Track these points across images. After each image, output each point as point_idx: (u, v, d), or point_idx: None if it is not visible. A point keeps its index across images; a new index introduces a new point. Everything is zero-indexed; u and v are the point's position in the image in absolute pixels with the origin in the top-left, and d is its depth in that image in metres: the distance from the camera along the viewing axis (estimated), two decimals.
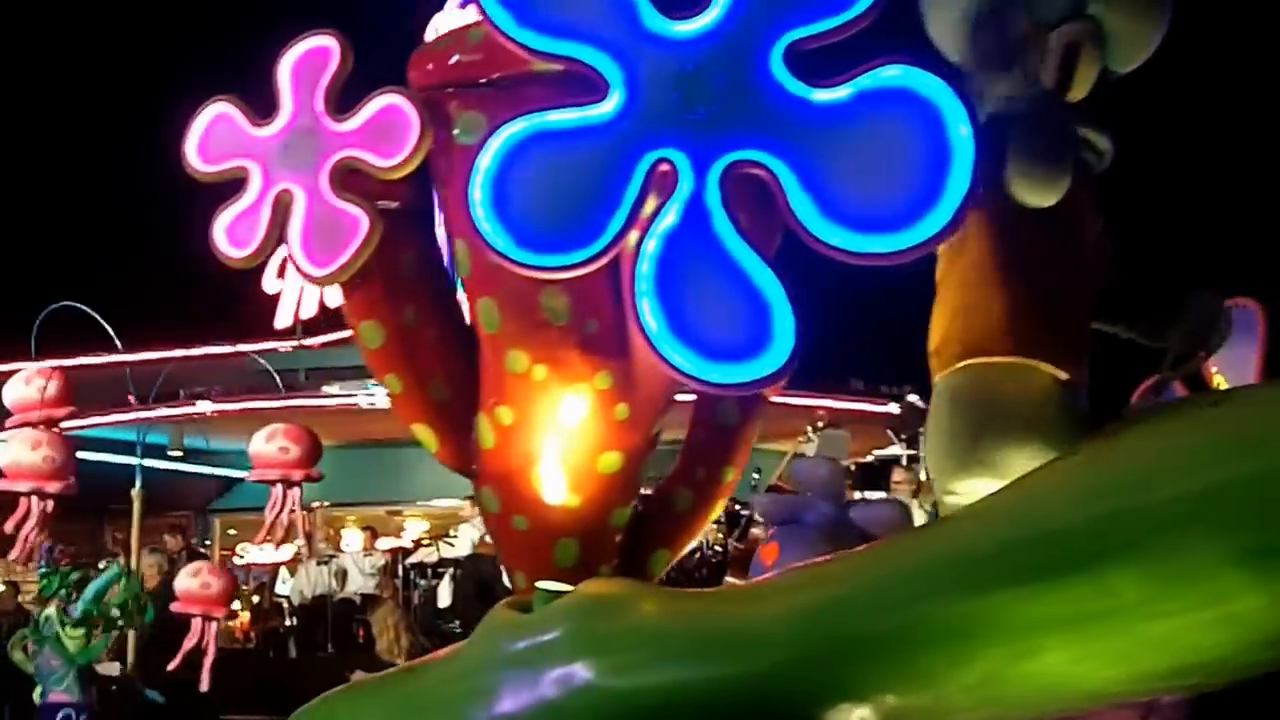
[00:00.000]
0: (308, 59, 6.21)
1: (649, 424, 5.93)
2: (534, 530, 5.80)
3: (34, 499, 11.78)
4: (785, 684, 4.45)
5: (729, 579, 18.34)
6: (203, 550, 25.09)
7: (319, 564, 21.51)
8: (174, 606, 13.05)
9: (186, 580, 12.76)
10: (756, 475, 20.66)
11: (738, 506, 21.18)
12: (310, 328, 31.90)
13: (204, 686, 12.91)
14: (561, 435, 5.65)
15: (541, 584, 5.16)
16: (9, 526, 11.90)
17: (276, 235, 6.01)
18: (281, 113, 6.17)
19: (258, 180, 6.15)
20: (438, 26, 6.32)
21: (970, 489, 5.29)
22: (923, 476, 18.39)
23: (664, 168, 4.82)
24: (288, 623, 21.75)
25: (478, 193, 5.04)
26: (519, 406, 5.77)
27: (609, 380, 5.72)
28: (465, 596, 19.71)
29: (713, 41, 4.71)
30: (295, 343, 31.75)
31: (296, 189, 5.96)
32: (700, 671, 4.58)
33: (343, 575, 21.07)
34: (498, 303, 5.84)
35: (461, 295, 6.20)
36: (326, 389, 30.33)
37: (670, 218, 4.82)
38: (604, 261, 4.94)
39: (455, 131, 5.85)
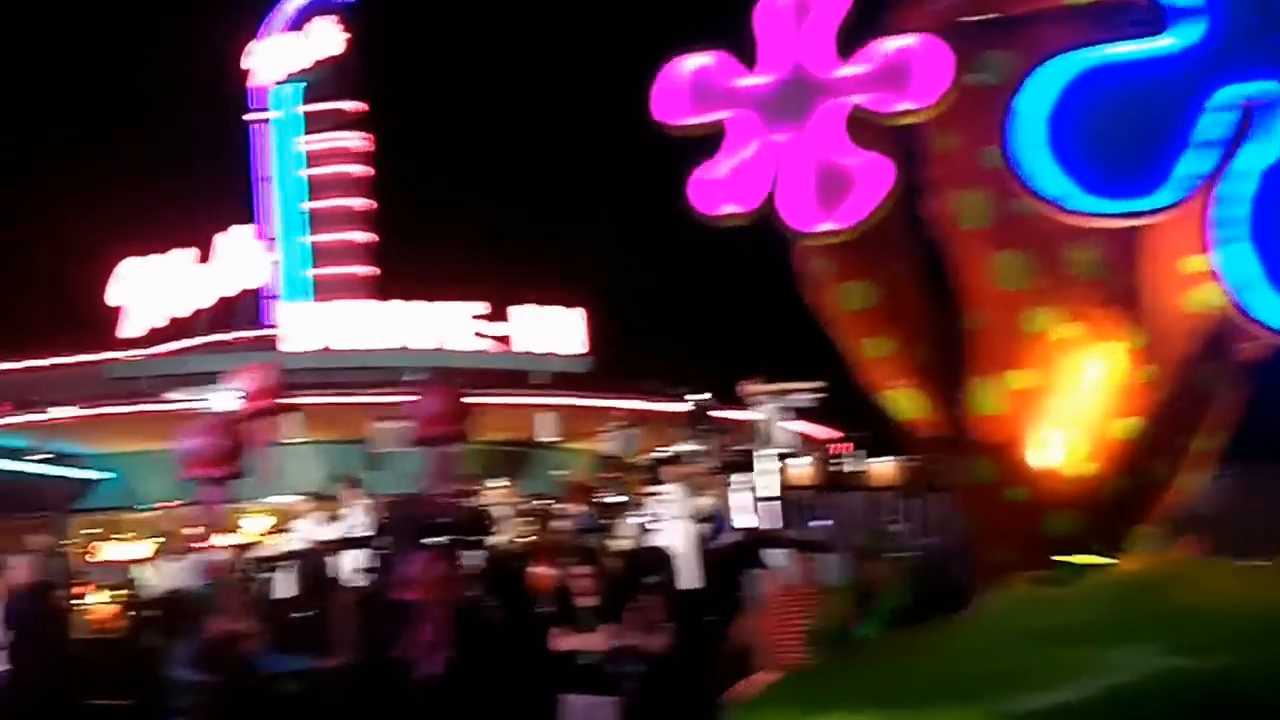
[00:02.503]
0: (799, 5, 5.70)
1: (1174, 386, 5.43)
2: (1032, 502, 5.34)
3: None
4: None
5: (535, 567, 19.04)
6: (61, 549, 25.19)
7: (170, 559, 21.73)
8: (400, 594, 13.00)
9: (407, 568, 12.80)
10: (562, 471, 21.34)
11: (546, 500, 21.84)
12: (156, 337, 32.28)
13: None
14: (1082, 399, 5.03)
15: (1071, 558, 4.62)
16: None
17: (769, 188, 5.62)
18: (769, 61, 5.75)
19: (745, 132, 5.73)
20: None
21: None
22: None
23: (1248, 100, 4.28)
24: (147, 614, 21.97)
25: (1021, 135, 4.52)
26: (1034, 369, 5.30)
27: (1140, 339, 5.22)
28: (303, 587, 20.06)
29: None
30: (142, 352, 32.05)
31: (791, 139, 5.54)
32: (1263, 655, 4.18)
33: (188, 569, 21.31)
34: (1026, 256, 5.35)
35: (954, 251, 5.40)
36: (170, 394, 30.45)
37: (1270, 156, 4.27)
38: (1186, 204, 4.45)
39: (974, 72, 5.36)
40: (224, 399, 29.87)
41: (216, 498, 13.09)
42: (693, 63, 5.72)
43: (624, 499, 20.18)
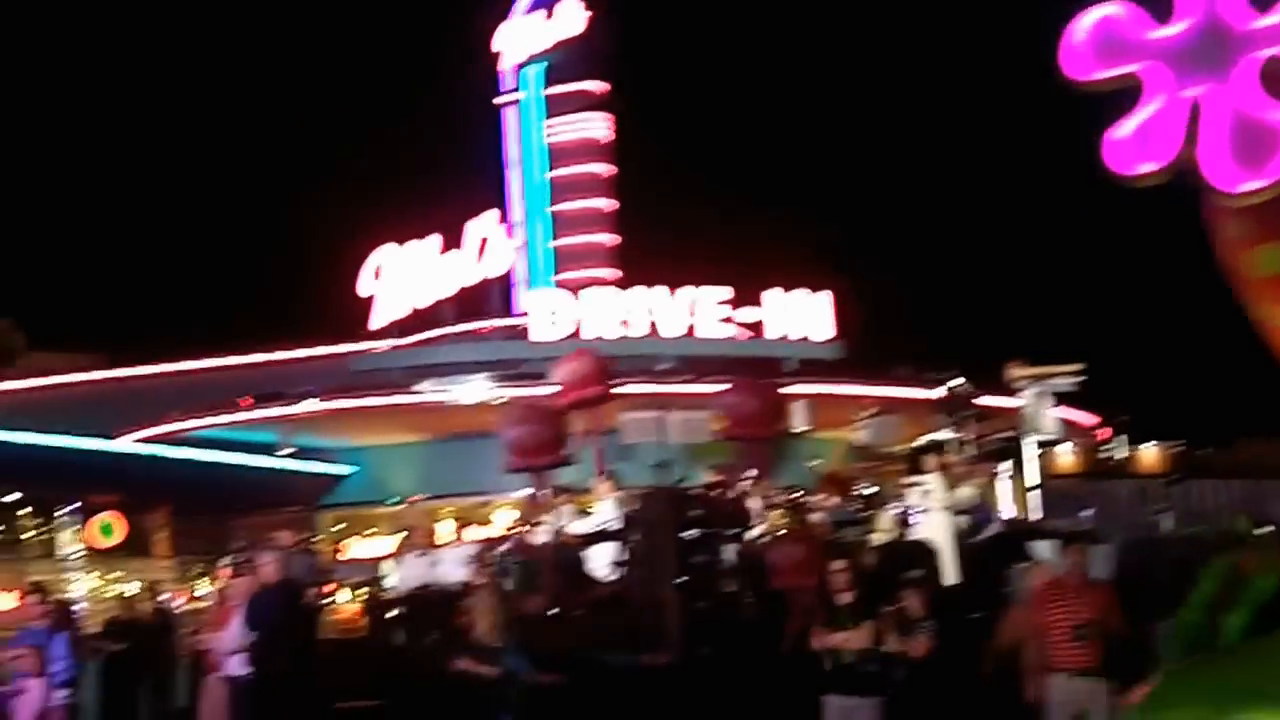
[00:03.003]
0: None
1: None
2: None
3: None
4: None
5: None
6: (311, 546, 25.67)
7: (418, 555, 21.94)
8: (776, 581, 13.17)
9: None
10: (814, 461, 21.08)
11: (799, 491, 21.60)
12: (404, 328, 32.74)
13: None
14: None
15: None
16: None
17: (1187, 145, 5.47)
18: (1183, 11, 5.60)
19: (1160, 86, 5.56)
20: None
21: None
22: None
23: None
24: (394, 612, 22.23)
25: None
26: None
27: None
28: (554, 581, 20.15)
29: None
30: (391, 343, 32.53)
31: (1207, 92, 5.39)
32: None
33: (439, 565, 21.48)
34: None
35: None
36: (418, 387, 30.84)
37: None
38: None
39: None
40: (474, 390, 30.39)
41: (542, 486, 13.07)
42: (1100, 14, 5.39)
43: (880, 490, 19.86)
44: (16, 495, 29.60)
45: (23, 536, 30.04)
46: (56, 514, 29.64)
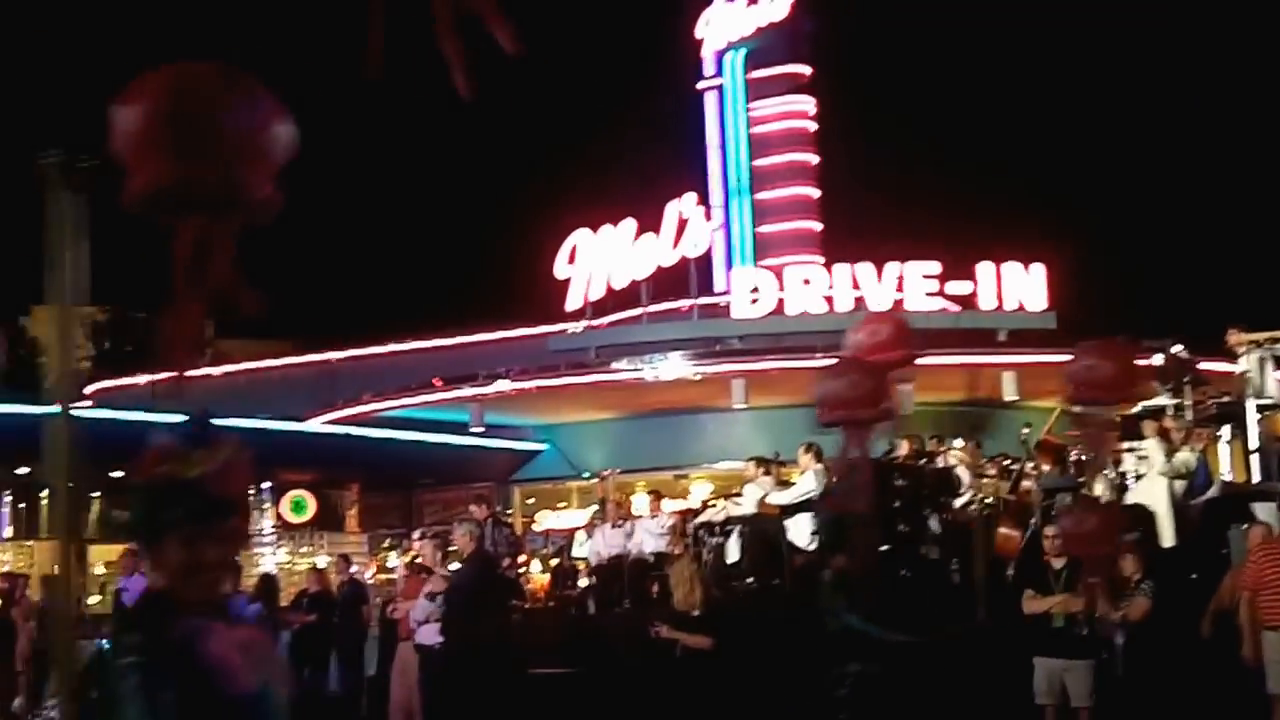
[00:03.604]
0: None
1: None
2: None
3: None
4: None
5: (1002, 529, 18.67)
6: (505, 519, 25.97)
7: (613, 527, 22.11)
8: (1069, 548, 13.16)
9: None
10: (1026, 429, 20.85)
11: (1010, 460, 21.39)
12: (598, 309, 33.00)
13: None
14: None
15: None
16: None
17: None
18: None
19: None
20: None
21: None
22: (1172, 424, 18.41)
23: None
24: (585, 582, 22.43)
25: None
26: None
27: None
28: (753, 553, 20.15)
29: None
30: (585, 323, 32.80)
31: None
32: None
33: (635, 537, 21.64)
34: None
35: None
36: (615, 365, 31.03)
37: None
38: None
39: None
40: (672, 368, 30.55)
41: (861, 441, 12.88)
42: None
43: (1094, 457, 19.61)
44: None
45: None
46: (250, 492, 30.31)
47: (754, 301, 33.46)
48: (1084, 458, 19.56)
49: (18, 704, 20.25)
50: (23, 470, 27.70)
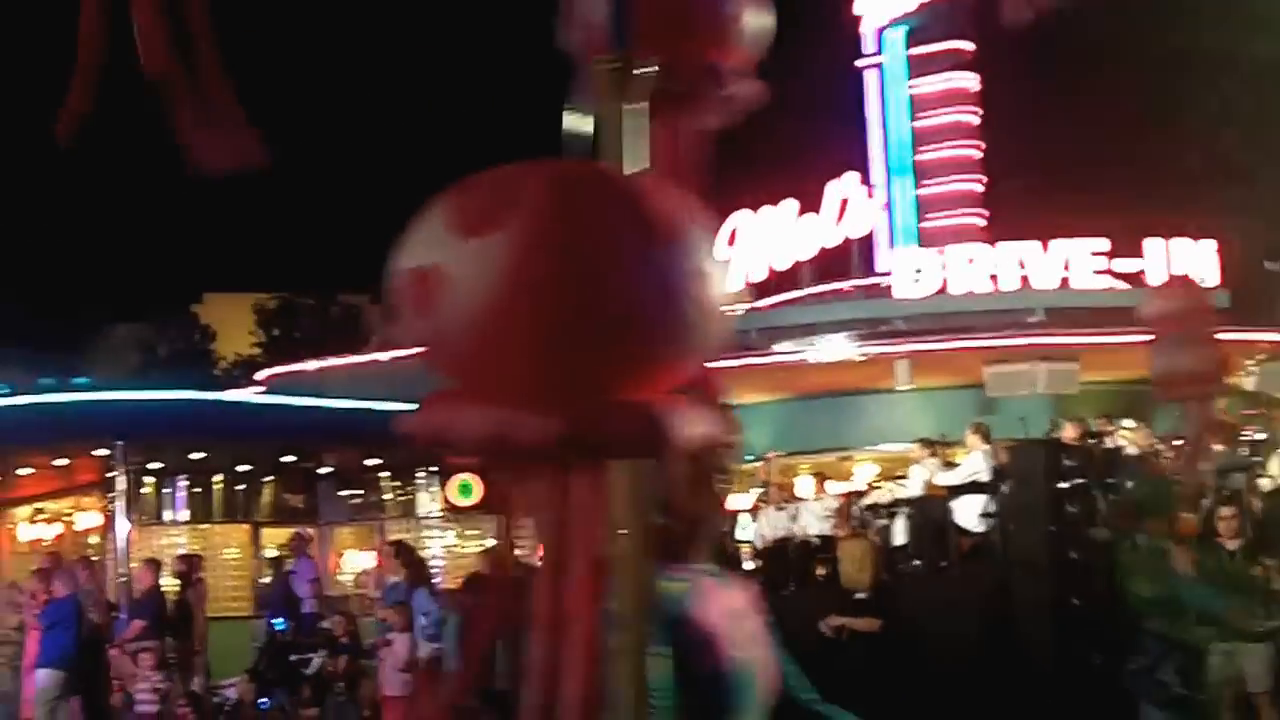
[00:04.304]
0: None
1: None
2: None
3: None
4: None
5: None
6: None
7: (777, 509, 22.06)
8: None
9: None
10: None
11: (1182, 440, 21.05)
12: (760, 290, 32.89)
13: None
14: None
15: None
16: None
17: None
18: None
19: None
20: None
21: None
22: None
23: None
24: (750, 565, 22.39)
25: None
26: None
27: None
28: (919, 535, 20.01)
29: None
30: (748, 305, 32.69)
31: None
32: None
33: (799, 519, 21.59)
34: None
35: None
36: (776, 346, 30.94)
37: None
38: None
39: None
40: (835, 349, 30.38)
41: (1207, 414, 12.61)
42: None
43: (1271, 436, 19.33)
44: (377, 460, 30.65)
45: (384, 498, 31.14)
46: (416, 476, 30.65)
47: (917, 281, 33.22)
48: (1258, 436, 19.29)
49: (197, 683, 20.63)
50: (198, 455, 28.15)
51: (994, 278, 32.88)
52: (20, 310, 67.92)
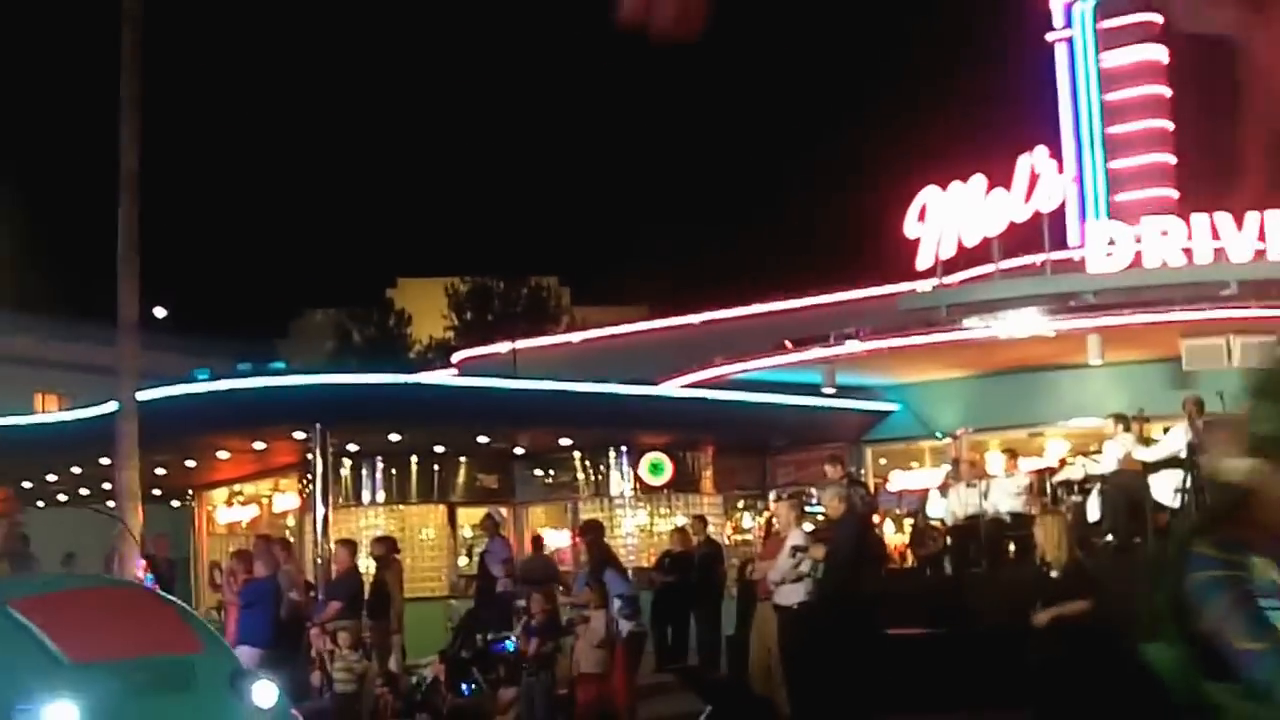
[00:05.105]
0: None
1: None
2: None
3: None
4: None
5: None
6: (860, 479, 25.86)
7: (968, 486, 21.84)
8: None
9: None
10: None
11: None
12: (950, 266, 32.54)
13: None
14: None
15: None
16: None
17: None
18: None
19: None
20: None
21: None
22: None
23: None
24: (943, 542, 22.22)
25: None
26: None
27: None
28: (1114, 511, 19.70)
29: None
30: (936, 282, 32.36)
31: None
32: None
33: (990, 496, 21.36)
34: None
35: None
36: (966, 322, 30.60)
37: None
38: None
39: None
40: (1027, 324, 29.96)
41: None
42: None
43: None
44: (570, 440, 30.87)
45: (577, 478, 31.36)
46: (608, 455, 30.83)
47: (1109, 255, 32.65)
48: None
49: (394, 663, 20.90)
50: (394, 437, 28.52)
51: (1187, 251, 32.17)
52: (218, 297, 69.47)
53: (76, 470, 30.94)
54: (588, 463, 31.21)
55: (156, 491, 30.38)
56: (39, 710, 7.43)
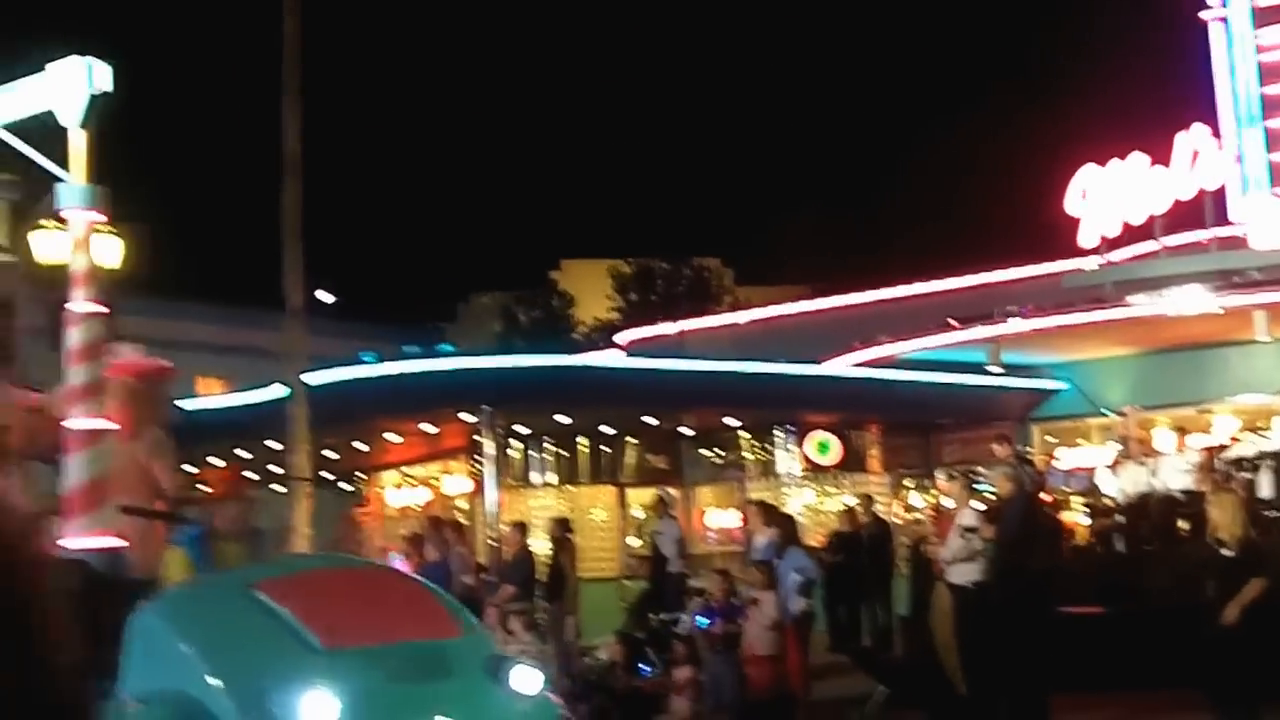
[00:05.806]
0: None
1: None
2: None
3: None
4: None
5: None
6: (1028, 457, 25.64)
7: (1138, 464, 21.68)
8: None
9: None
10: None
11: None
12: (1113, 244, 32.23)
13: None
14: None
15: None
16: None
17: None
18: None
19: None
20: None
21: None
22: None
23: None
24: (1114, 520, 22.04)
25: None
26: None
27: None
28: None
29: None
30: (1102, 259, 32.07)
31: None
32: None
33: (1160, 473, 21.18)
34: None
35: None
36: (1131, 299, 30.30)
37: None
38: None
39: None
40: (1194, 301, 29.63)
41: None
42: None
43: None
44: (736, 420, 30.97)
45: (744, 457, 31.45)
46: (774, 435, 30.89)
47: (1274, 230, 32.19)
48: None
49: (569, 644, 21.06)
50: (563, 419, 28.75)
51: None
52: (385, 283, 70.35)
53: (245, 454, 31.01)
54: (754, 443, 31.29)
55: (327, 475, 30.65)
56: (295, 700, 7.10)
